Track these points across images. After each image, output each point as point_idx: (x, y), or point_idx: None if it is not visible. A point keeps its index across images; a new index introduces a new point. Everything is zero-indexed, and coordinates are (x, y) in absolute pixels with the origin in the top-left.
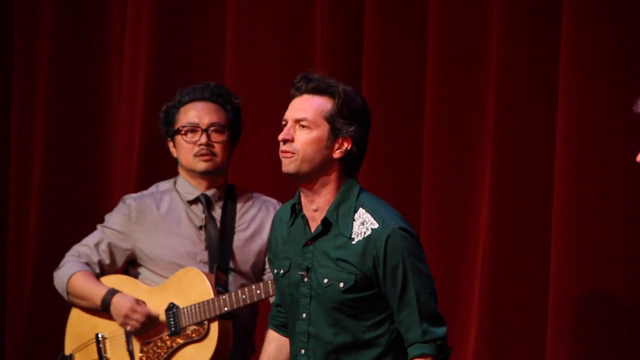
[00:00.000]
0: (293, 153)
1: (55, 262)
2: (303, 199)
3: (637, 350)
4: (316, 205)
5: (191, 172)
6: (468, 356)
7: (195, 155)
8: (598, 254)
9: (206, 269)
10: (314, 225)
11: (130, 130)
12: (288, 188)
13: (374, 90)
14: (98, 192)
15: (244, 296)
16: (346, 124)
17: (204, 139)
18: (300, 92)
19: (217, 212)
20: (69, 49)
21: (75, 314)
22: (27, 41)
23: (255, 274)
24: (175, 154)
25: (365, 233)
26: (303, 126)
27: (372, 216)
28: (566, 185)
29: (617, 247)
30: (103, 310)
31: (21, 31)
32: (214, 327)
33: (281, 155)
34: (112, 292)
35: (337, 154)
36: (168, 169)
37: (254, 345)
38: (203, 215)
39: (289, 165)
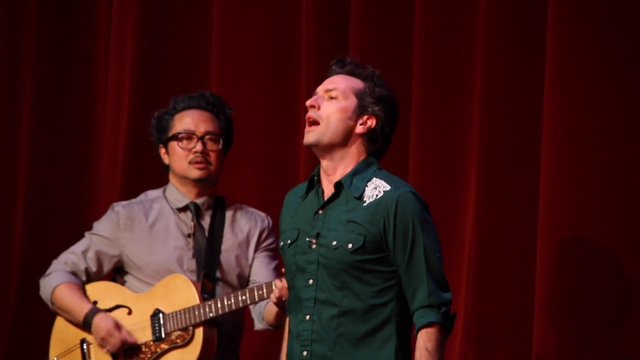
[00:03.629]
0: (317, 122)
1: (40, 263)
2: (322, 172)
3: (623, 351)
4: (334, 177)
5: (183, 179)
6: (454, 357)
7: (190, 163)
8: (583, 256)
9: (193, 277)
10: (328, 195)
11: (116, 132)
12: (273, 184)
13: None
14: (83, 194)
15: (229, 302)
16: (373, 103)
17: (199, 147)
18: (333, 73)
19: (206, 221)
20: (55, 51)
21: (61, 321)
22: (12, 42)
23: (241, 284)
24: (166, 161)
25: (377, 195)
26: (332, 97)
27: (384, 181)
28: (552, 187)
29: (602, 248)
30: (84, 327)
31: (6, 32)
32: (199, 332)
33: (306, 123)
34: (94, 310)
35: (360, 129)
36: (153, 171)
37: (238, 355)
38: (192, 224)
39: (310, 136)
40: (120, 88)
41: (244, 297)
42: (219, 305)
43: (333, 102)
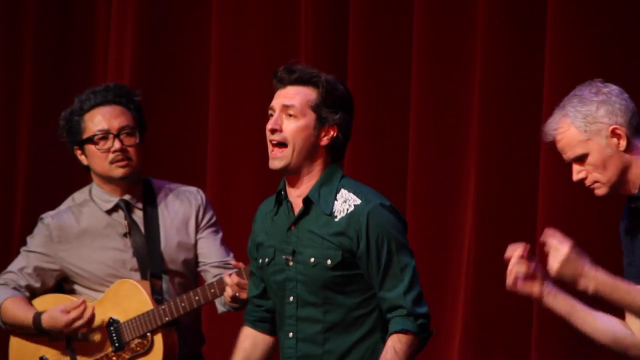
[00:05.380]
0: (284, 146)
1: None
2: (288, 186)
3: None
4: (301, 191)
5: (107, 179)
6: (453, 357)
7: (111, 163)
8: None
9: (138, 276)
10: (298, 209)
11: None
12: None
13: (359, 91)
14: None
15: (183, 304)
16: (331, 112)
17: (117, 145)
18: (284, 83)
19: (139, 215)
20: (54, 49)
21: (15, 341)
22: (11, 41)
23: (190, 270)
24: (85, 162)
25: (348, 210)
26: (290, 115)
27: (354, 194)
28: (551, 187)
29: (601, 248)
30: (39, 333)
31: (6, 32)
32: (158, 338)
33: (270, 148)
34: (39, 313)
35: (324, 142)
36: (150, 168)
37: (203, 336)
38: (125, 222)
39: (277, 162)
40: None
41: (197, 298)
42: (174, 308)
43: (292, 121)
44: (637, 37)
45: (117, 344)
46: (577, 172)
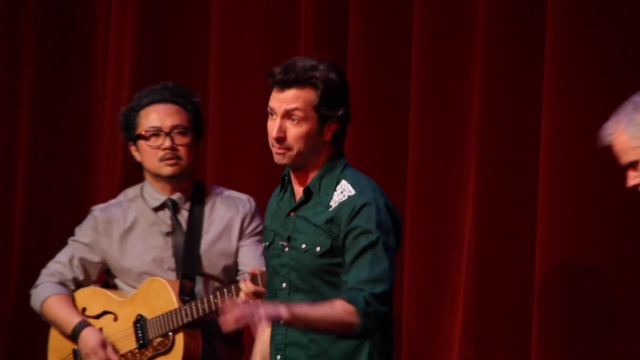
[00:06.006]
0: (286, 150)
1: (40, 263)
2: (292, 174)
3: (623, 351)
4: (303, 181)
5: (156, 176)
6: (453, 355)
7: (161, 160)
8: (583, 256)
9: (174, 276)
10: (299, 197)
11: (115, 130)
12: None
13: (359, 91)
14: (83, 192)
15: (202, 306)
16: (332, 110)
17: (167, 143)
18: (282, 85)
19: (185, 215)
20: (54, 50)
21: (55, 331)
22: (11, 41)
23: (228, 276)
24: (138, 158)
25: (341, 199)
26: (293, 119)
27: (351, 185)
28: (551, 187)
29: (602, 248)
30: (72, 340)
31: (5, 30)
32: (179, 338)
33: (274, 150)
34: (82, 324)
35: (327, 137)
36: None
37: (242, 346)
38: (170, 221)
39: (281, 158)
40: (119, 86)
41: (216, 300)
42: (194, 309)
43: (296, 127)
44: (637, 37)
45: (141, 341)
46: (631, 178)
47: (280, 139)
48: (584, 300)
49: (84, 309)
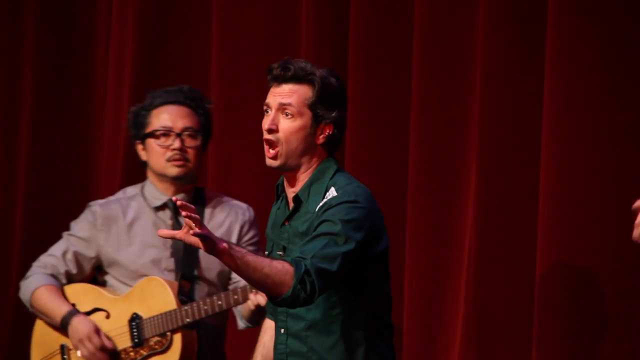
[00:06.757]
0: (277, 147)
1: None
2: (285, 182)
3: (623, 351)
4: (295, 188)
5: (161, 176)
6: (454, 355)
7: (168, 160)
8: (584, 254)
9: (171, 277)
10: (292, 206)
11: (116, 130)
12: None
13: (359, 91)
14: (84, 193)
15: (205, 307)
16: (327, 110)
17: (177, 144)
18: (279, 80)
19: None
20: (54, 49)
21: (40, 324)
22: (11, 41)
23: (222, 282)
24: (144, 157)
25: (323, 203)
26: (287, 114)
27: (336, 191)
28: (551, 186)
29: (602, 246)
30: (62, 329)
31: (5, 30)
32: (177, 338)
33: (265, 147)
34: (73, 312)
35: (320, 140)
36: None
37: (224, 355)
38: (170, 222)
39: (272, 161)
40: (120, 87)
41: (220, 302)
42: (196, 310)
43: (289, 121)
44: (638, 37)
45: (136, 340)
46: None
47: (271, 131)
48: (584, 300)
49: (73, 305)
